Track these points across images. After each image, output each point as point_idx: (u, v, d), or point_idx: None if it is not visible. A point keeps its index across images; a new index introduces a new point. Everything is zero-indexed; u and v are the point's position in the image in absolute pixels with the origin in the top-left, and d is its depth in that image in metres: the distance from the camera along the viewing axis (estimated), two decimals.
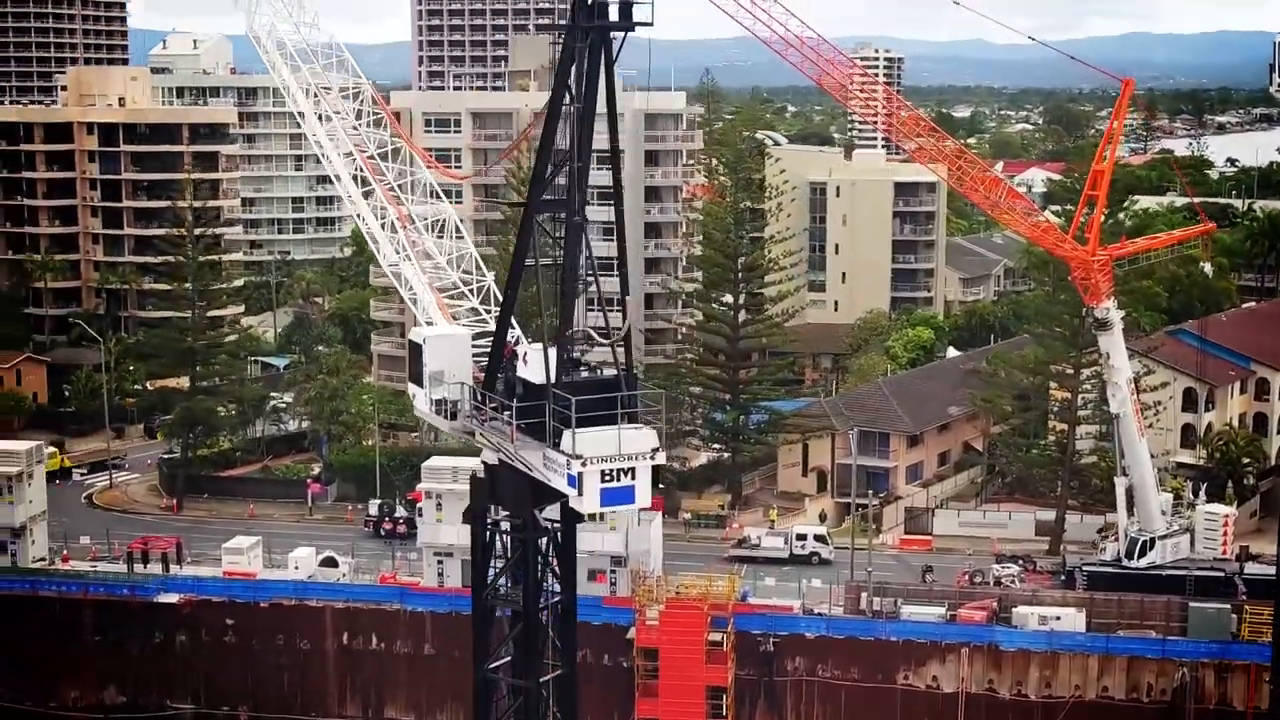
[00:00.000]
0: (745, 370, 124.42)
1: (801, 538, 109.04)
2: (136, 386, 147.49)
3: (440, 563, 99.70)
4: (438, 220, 53.57)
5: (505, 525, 48.70)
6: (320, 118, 56.00)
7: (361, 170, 53.76)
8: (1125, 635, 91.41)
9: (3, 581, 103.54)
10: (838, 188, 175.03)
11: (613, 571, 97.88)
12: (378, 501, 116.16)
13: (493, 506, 48.73)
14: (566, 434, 42.62)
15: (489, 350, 48.23)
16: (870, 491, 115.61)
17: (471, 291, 52.42)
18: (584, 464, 42.22)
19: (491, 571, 48.23)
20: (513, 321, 49.08)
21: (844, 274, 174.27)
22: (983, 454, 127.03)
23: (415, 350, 50.01)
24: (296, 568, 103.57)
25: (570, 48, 43.62)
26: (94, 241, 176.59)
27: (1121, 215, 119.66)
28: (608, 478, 42.75)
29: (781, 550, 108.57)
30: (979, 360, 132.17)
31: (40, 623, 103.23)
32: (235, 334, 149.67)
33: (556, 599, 48.33)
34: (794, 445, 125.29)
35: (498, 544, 48.85)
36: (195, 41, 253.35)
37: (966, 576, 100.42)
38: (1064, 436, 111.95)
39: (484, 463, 48.39)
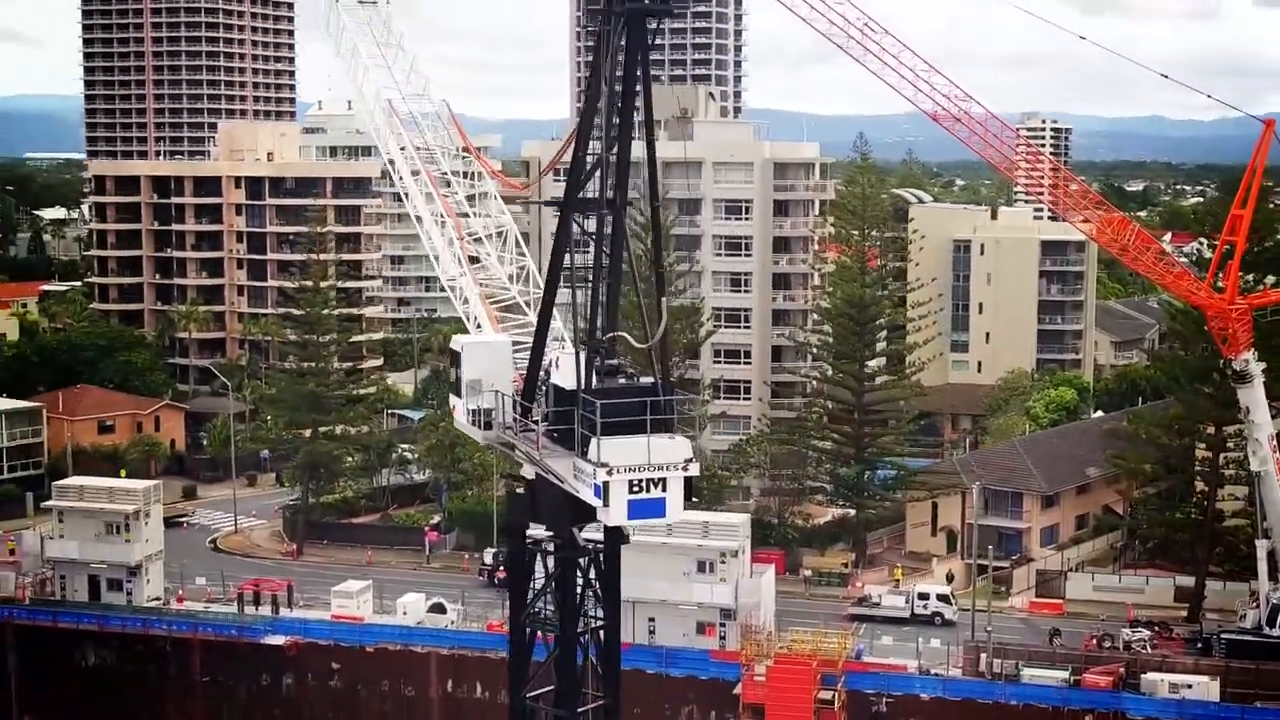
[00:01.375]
0: (873, 427, 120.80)
1: (924, 597, 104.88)
2: (270, 435, 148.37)
3: None
4: (499, 232, 51.90)
5: (546, 544, 46.29)
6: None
7: (425, 182, 52.39)
8: (1263, 706, 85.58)
9: (116, 619, 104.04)
10: (982, 245, 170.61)
11: (722, 625, 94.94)
12: (493, 550, 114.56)
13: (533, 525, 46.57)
14: (593, 441, 40.34)
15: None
16: (1001, 553, 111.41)
17: (530, 304, 50.49)
18: (610, 473, 39.89)
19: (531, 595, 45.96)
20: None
21: (987, 334, 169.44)
22: (1123, 517, 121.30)
23: (454, 358, 48.23)
24: (405, 613, 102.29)
25: (606, 33, 41.57)
26: (239, 293, 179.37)
27: None
28: (636, 488, 40.32)
29: (902, 609, 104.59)
30: (1119, 420, 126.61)
31: (151, 661, 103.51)
32: (373, 386, 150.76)
33: (599, 624, 45.84)
34: (923, 504, 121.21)
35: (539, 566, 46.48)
36: (350, 103, 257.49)
37: (1094, 640, 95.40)
38: (1206, 498, 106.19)
39: (523, 477, 46.33)
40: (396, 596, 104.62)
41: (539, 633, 45.88)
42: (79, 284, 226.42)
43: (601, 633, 45.88)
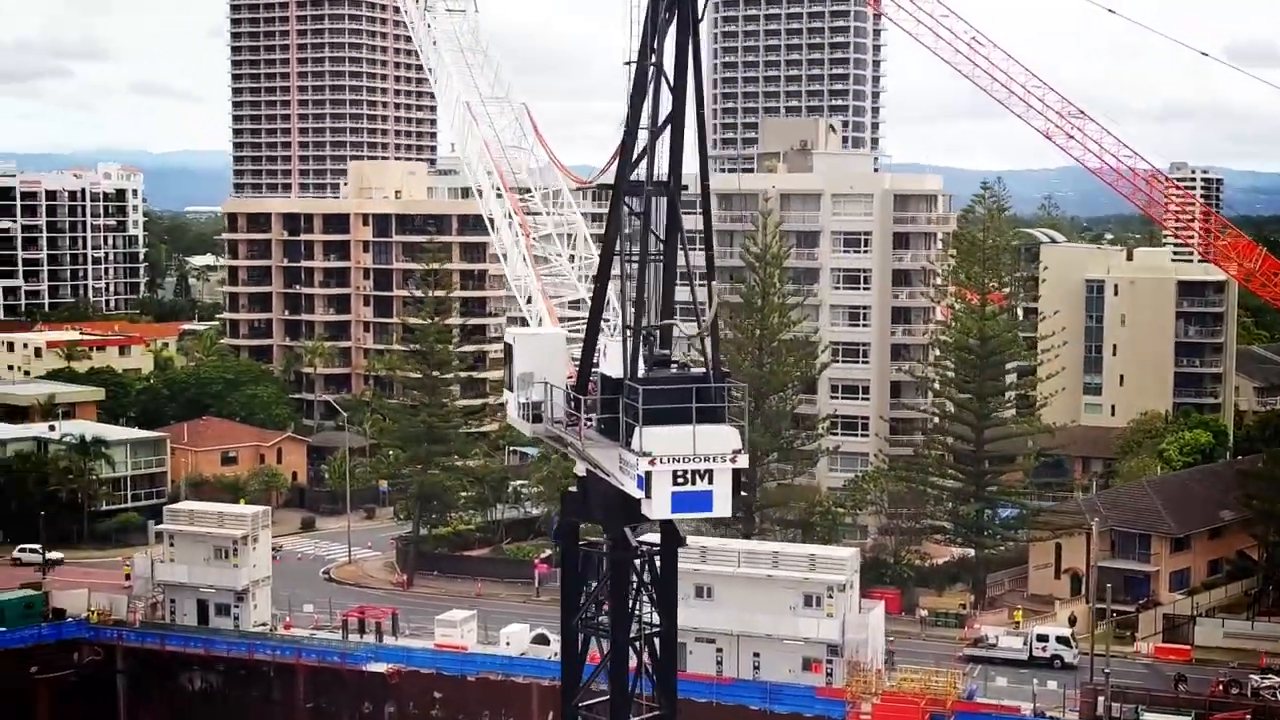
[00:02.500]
0: (995, 464, 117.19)
1: (1042, 639, 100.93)
2: (389, 470, 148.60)
3: None
4: (569, 232, 50.52)
5: (599, 545, 44.48)
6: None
7: (498, 181, 51.28)
8: None
9: (222, 643, 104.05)
10: (1116, 286, 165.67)
11: (829, 661, 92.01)
12: None
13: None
14: (636, 430, 38.50)
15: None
16: (1127, 596, 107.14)
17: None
18: (652, 462, 37.98)
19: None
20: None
21: (1121, 376, 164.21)
22: (1258, 563, 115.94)
23: (507, 352, 46.78)
24: (508, 644, 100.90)
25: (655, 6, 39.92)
26: (365, 330, 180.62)
27: None
28: (680, 480, 38.33)
29: (1020, 651, 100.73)
30: (1255, 462, 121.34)
31: (256, 686, 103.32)
32: (495, 423, 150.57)
33: (655, 630, 43.81)
34: (1046, 545, 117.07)
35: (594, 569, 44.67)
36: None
37: (1221, 685, 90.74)
38: None
39: (576, 475, 44.63)
40: (502, 627, 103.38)
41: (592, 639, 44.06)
42: (215, 323, 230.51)
43: (657, 639, 43.91)
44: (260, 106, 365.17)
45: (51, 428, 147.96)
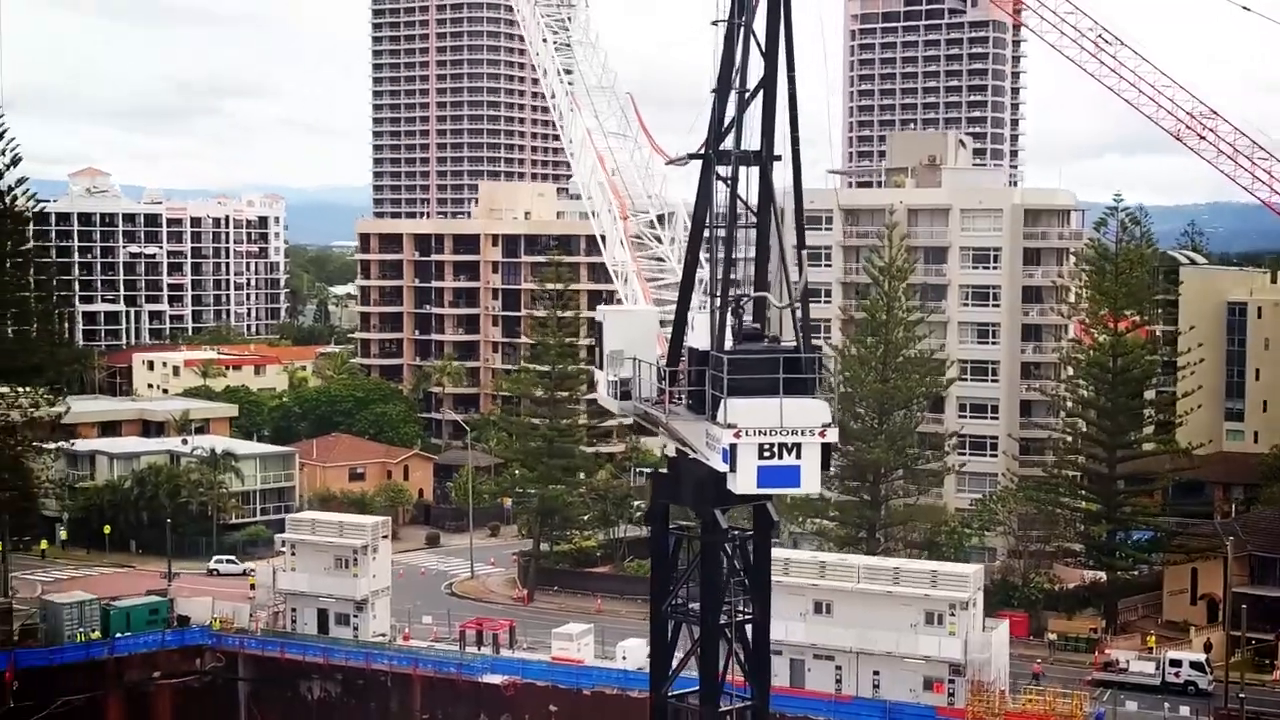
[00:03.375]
0: (1130, 486, 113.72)
1: (1176, 664, 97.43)
2: (514, 489, 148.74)
3: None
4: (669, 213, 49.60)
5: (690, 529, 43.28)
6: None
7: (597, 165, 50.65)
8: None
9: (341, 651, 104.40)
10: (1259, 309, 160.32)
11: (950, 681, 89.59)
12: None
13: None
14: (722, 403, 37.32)
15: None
16: (1265, 624, 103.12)
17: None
18: (738, 435, 36.76)
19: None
20: None
21: (1265, 402, 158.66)
22: None
23: (597, 330, 45.87)
24: (624, 658, 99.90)
25: None
26: (493, 350, 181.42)
27: None
28: (766, 453, 37.04)
29: (1152, 676, 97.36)
30: None
31: (373, 695, 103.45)
32: (622, 444, 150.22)
33: (746, 617, 42.48)
34: (1181, 570, 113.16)
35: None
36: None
37: None
38: None
39: (665, 455, 43.53)
40: (619, 642, 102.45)
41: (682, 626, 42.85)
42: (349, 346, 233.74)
43: (749, 626, 42.58)
44: (400, 136, 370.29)
45: (184, 441, 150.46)
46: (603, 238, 50.34)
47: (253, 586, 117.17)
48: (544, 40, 56.05)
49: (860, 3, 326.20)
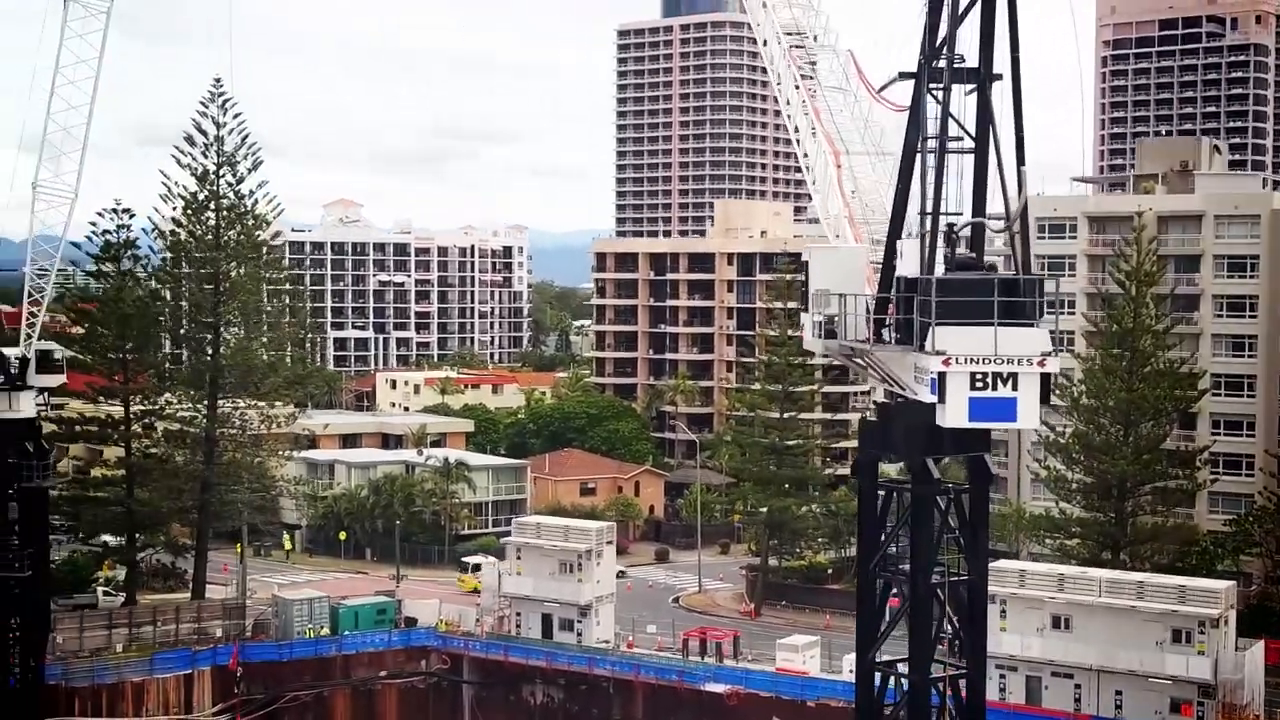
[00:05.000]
0: None
1: None
2: (745, 507, 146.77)
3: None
4: (882, 154, 47.07)
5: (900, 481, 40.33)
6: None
7: (813, 118, 48.42)
8: None
9: (564, 656, 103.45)
10: None
11: (1200, 703, 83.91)
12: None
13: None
14: (931, 330, 34.51)
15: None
16: None
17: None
18: (947, 363, 33.87)
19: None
20: None
21: None
22: None
23: (804, 270, 43.44)
24: (850, 671, 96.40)
25: None
26: (728, 369, 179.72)
27: None
28: (979, 384, 34.03)
29: None
30: None
31: (595, 702, 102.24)
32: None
33: (960, 577, 39.36)
34: None
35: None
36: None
37: None
38: None
39: (874, 402, 40.80)
40: (846, 655, 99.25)
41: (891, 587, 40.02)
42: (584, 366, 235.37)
43: (964, 587, 39.50)
44: (643, 170, 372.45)
45: (419, 452, 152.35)
46: (815, 188, 47.99)
47: (477, 590, 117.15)
48: (763, 5, 54.03)
49: (1113, 29, 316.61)
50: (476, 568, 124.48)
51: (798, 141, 50.97)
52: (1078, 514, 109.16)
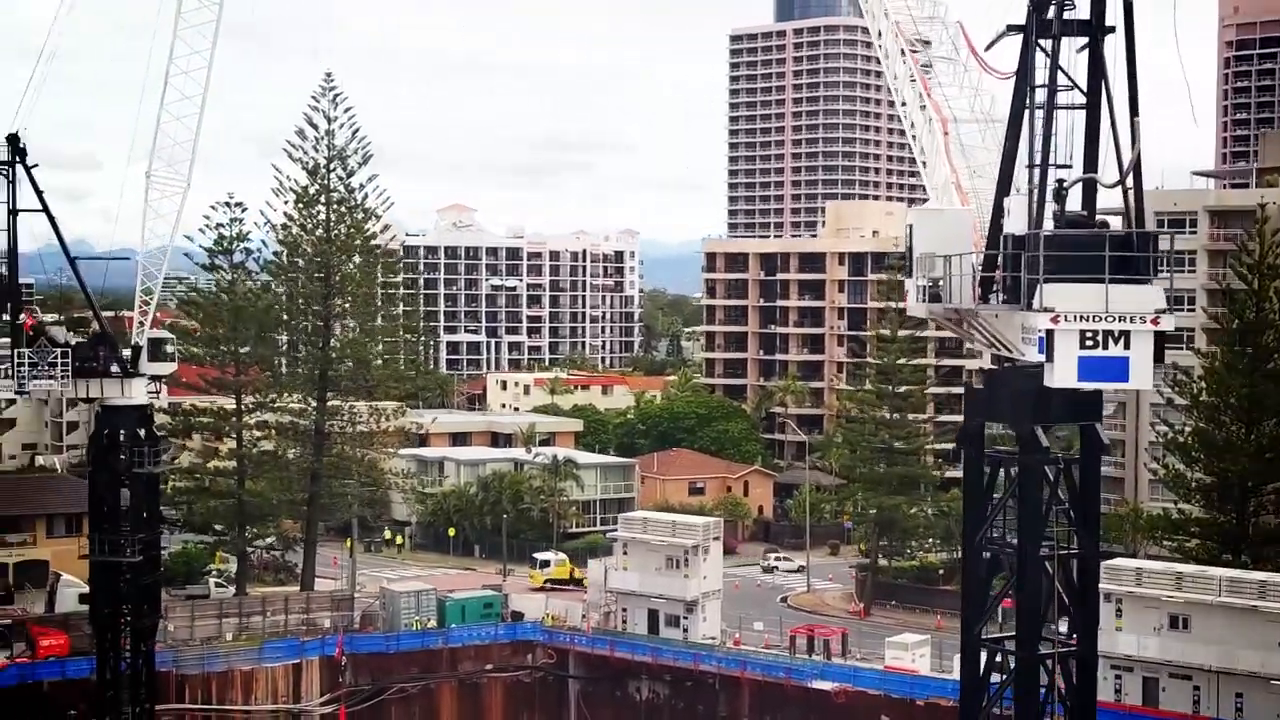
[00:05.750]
0: None
1: None
2: (855, 509, 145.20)
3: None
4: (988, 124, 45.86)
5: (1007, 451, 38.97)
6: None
7: (919, 88, 47.34)
8: None
9: (670, 652, 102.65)
10: None
11: None
12: None
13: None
14: (1039, 288, 33.26)
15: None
16: None
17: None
18: (1055, 320, 32.60)
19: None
20: None
21: None
22: None
23: (908, 234, 42.23)
24: None
25: None
26: (838, 370, 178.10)
27: None
28: (1089, 342, 32.72)
29: None
30: None
31: (701, 698, 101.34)
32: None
33: (1071, 551, 37.98)
34: None
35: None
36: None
37: None
38: None
39: (980, 369, 39.50)
40: (958, 654, 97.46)
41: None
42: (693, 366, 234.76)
43: (1074, 562, 38.15)
44: (755, 175, 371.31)
45: (528, 450, 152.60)
46: (922, 158, 46.87)
47: (582, 583, 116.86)
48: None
49: (1236, 29, 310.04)
50: (545, 564, 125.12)
51: (904, 115, 49.92)
52: (1197, 514, 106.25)
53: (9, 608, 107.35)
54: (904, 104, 49.27)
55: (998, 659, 39.40)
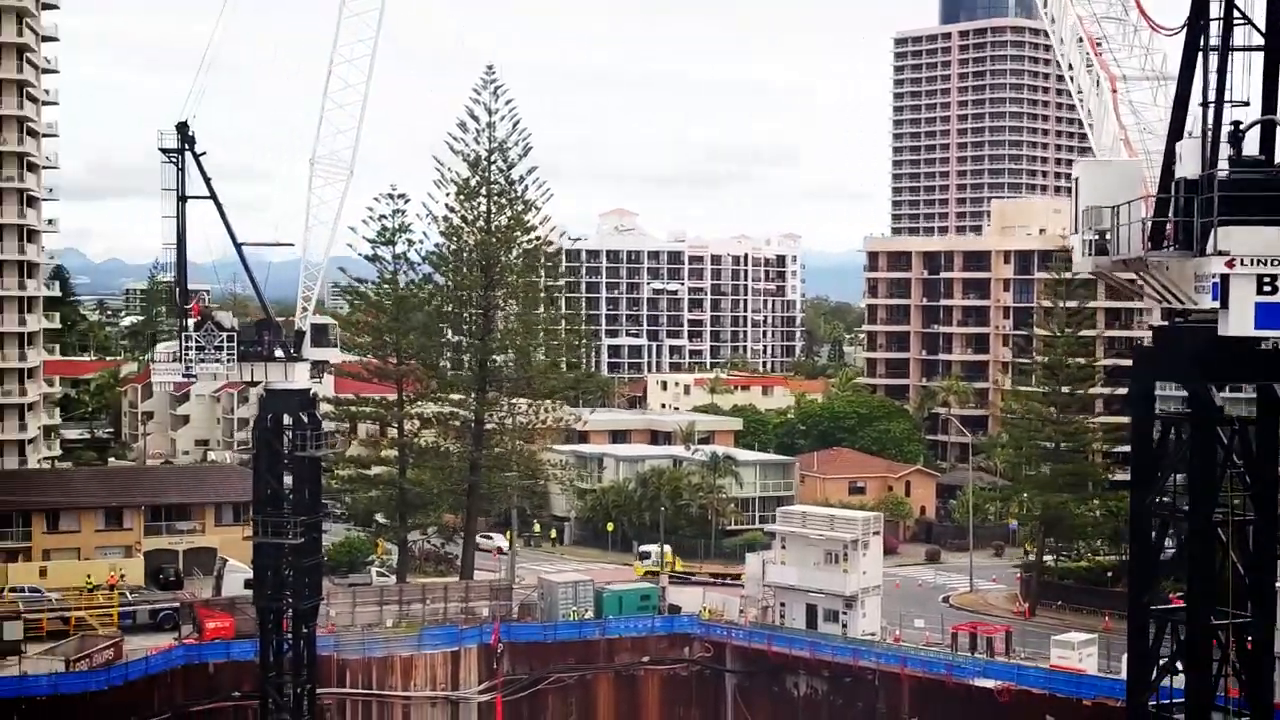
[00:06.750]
0: None
1: None
2: (1021, 510, 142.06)
3: None
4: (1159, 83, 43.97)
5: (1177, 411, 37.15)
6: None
7: (1087, 49, 45.66)
8: None
9: (828, 647, 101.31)
10: None
11: None
12: None
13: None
14: (1213, 232, 31.57)
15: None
16: None
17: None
18: (1230, 264, 30.85)
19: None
20: None
21: None
22: None
23: (1074, 187, 40.52)
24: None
25: None
26: (1003, 370, 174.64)
27: None
28: (1267, 286, 30.87)
29: None
30: None
31: (860, 695, 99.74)
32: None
33: (1244, 517, 36.01)
34: None
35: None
36: None
37: None
38: None
39: (1150, 325, 37.79)
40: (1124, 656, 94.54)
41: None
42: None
43: (1249, 528, 36.27)
44: (919, 179, 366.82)
45: (687, 447, 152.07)
46: (1090, 120, 45.16)
47: (738, 579, 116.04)
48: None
49: None
50: (645, 555, 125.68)
51: (1071, 79, 48.24)
52: None
53: (178, 592, 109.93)
54: (1070, 68, 47.65)
55: (1167, 632, 37.64)
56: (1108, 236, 37.98)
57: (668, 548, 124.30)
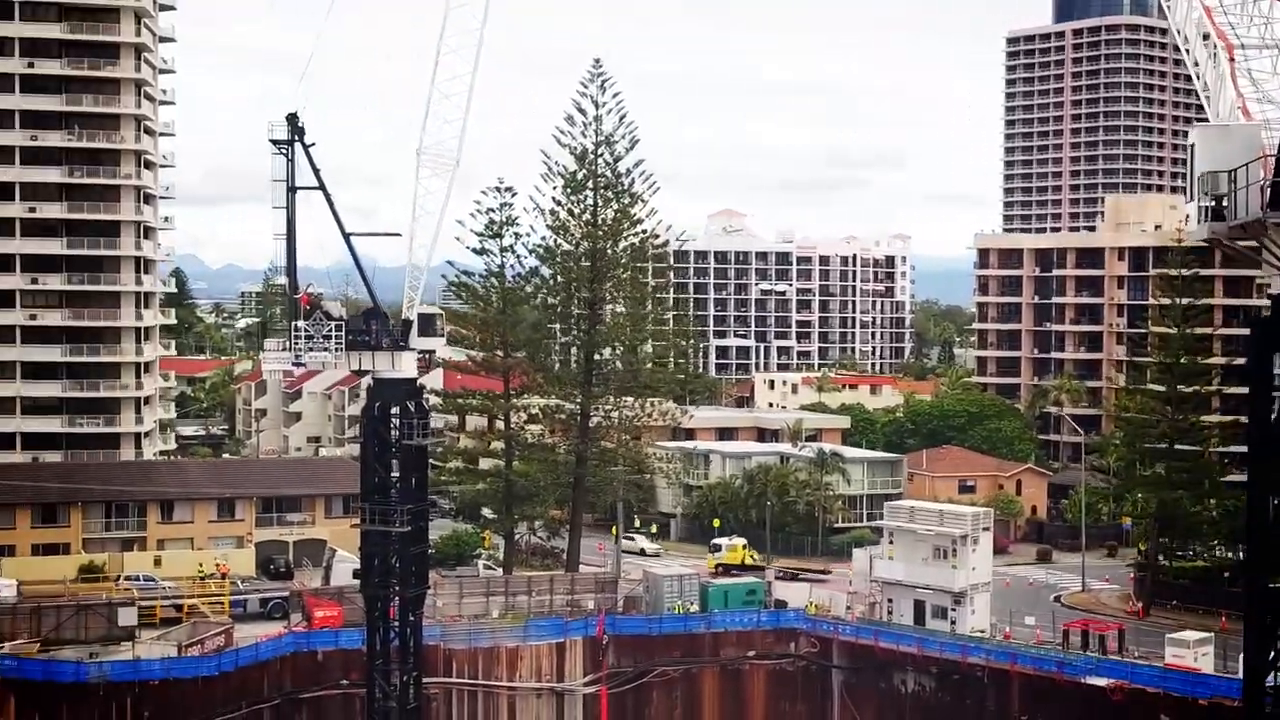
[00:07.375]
0: None
1: None
2: (1134, 509, 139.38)
3: None
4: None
5: None
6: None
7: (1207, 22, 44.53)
8: None
9: (936, 643, 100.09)
10: None
11: None
12: None
13: None
14: None
15: None
16: None
17: None
18: None
19: None
20: None
21: None
22: None
23: (1189, 155, 39.39)
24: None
25: None
26: (1117, 368, 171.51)
27: None
28: None
29: None
30: None
31: (969, 692, 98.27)
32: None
33: None
34: None
35: None
36: None
37: None
38: None
39: (1269, 295, 36.53)
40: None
41: None
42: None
43: None
44: (1032, 179, 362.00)
45: (794, 444, 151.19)
46: (1206, 92, 44.04)
47: (827, 574, 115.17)
48: None
49: None
50: (717, 548, 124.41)
51: (1188, 51, 47.10)
52: None
53: (288, 581, 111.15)
54: (1186, 40, 46.54)
55: None
56: (1224, 202, 36.95)
57: (741, 540, 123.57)
